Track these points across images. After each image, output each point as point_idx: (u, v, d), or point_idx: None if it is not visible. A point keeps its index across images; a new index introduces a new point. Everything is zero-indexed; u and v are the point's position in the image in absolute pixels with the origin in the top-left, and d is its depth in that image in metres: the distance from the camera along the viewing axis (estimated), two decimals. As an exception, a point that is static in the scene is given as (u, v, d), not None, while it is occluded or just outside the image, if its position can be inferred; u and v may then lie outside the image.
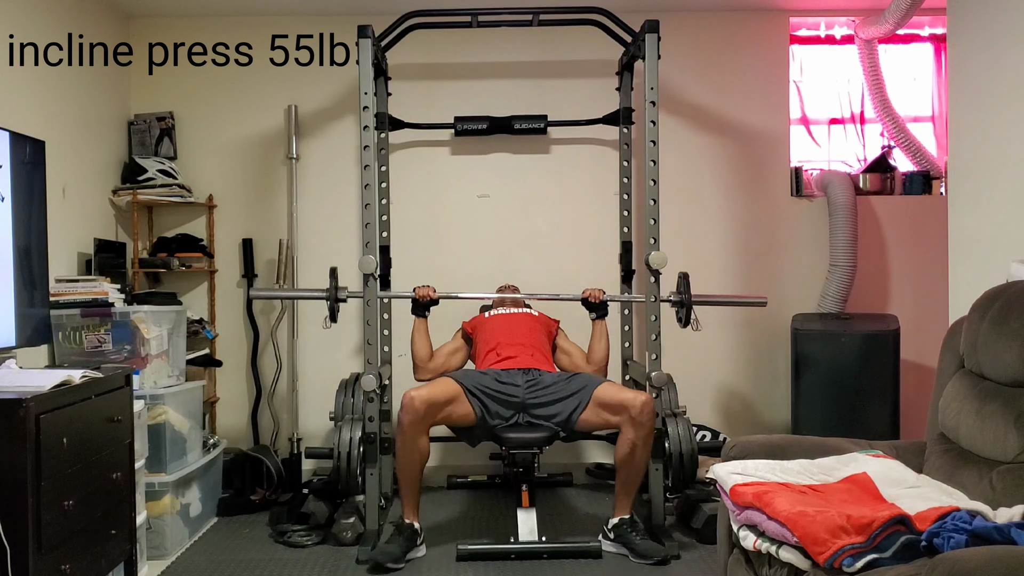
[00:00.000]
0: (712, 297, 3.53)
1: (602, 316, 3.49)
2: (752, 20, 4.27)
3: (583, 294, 3.45)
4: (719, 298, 3.62)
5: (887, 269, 4.29)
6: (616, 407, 3.09)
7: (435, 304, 3.46)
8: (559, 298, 3.61)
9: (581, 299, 3.46)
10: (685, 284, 3.32)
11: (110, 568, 2.59)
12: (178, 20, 4.17)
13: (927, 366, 3.97)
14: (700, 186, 4.26)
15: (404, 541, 3.05)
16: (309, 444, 4.08)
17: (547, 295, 3.72)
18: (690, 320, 3.31)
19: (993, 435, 2.06)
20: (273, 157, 4.24)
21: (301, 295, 3.70)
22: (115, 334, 3.17)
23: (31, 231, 2.70)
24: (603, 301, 3.45)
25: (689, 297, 3.30)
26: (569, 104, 4.19)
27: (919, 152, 4.35)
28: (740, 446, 2.34)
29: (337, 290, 3.32)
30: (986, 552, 1.46)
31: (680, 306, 3.32)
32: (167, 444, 3.20)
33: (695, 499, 3.38)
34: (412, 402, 3.03)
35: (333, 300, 3.32)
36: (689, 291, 3.30)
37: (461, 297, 3.61)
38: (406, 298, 3.51)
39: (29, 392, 2.12)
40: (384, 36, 3.73)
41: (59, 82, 3.44)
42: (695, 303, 3.31)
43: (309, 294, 3.46)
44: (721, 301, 3.61)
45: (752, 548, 1.96)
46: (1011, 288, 2.20)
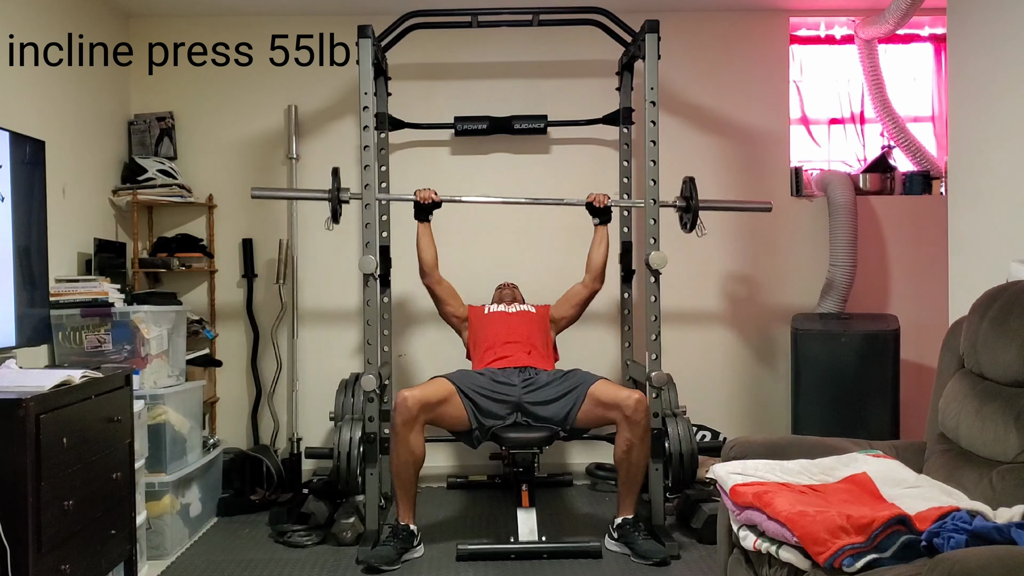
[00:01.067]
0: (717, 202, 3.65)
1: (605, 222, 3.55)
2: (752, 20, 4.27)
3: (588, 198, 3.49)
4: (724, 203, 3.74)
5: (887, 269, 4.29)
6: (610, 405, 3.09)
7: (438, 207, 3.48)
8: (564, 202, 3.64)
9: (585, 203, 3.50)
10: (691, 188, 3.37)
11: (110, 568, 2.60)
12: (178, 20, 4.17)
13: (927, 366, 3.97)
14: (700, 186, 4.24)
15: (399, 543, 3.05)
16: (309, 444, 4.09)
17: (551, 199, 3.75)
18: (695, 225, 3.33)
19: (993, 435, 2.06)
20: (273, 157, 4.24)
21: (303, 195, 3.76)
22: (115, 334, 3.17)
23: (31, 231, 2.70)
24: (607, 206, 3.51)
25: (696, 202, 3.37)
26: (569, 104, 4.19)
27: (919, 152, 4.35)
28: (740, 446, 2.34)
29: (339, 191, 3.36)
30: (986, 552, 1.46)
31: (685, 211, 3.38)
32: (167, 444, 3.19)
33: (695, 499, 3.38)
34: (404, 402, 3.03)
35: (336, 201, 3.36)
36: (695, 195, 3.36)
37: (463, 200, 3.64)
38: (408, 200, 3.52)
39: (29, 392, 2.12)
40: (384, 36, 3.74)
41: (59, 82, 3.44)
42: (701, 208, 3.38)
43: (312, 194, 3.52)
44: (726, 206, 3.74)
45: (752, 548, 1.96)
46: (1011, 288, 2.20)
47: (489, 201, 3.91)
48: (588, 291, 3.59)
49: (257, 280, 4.22)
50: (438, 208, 3.49)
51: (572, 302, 3.62)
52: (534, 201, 3.84)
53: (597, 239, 3.57)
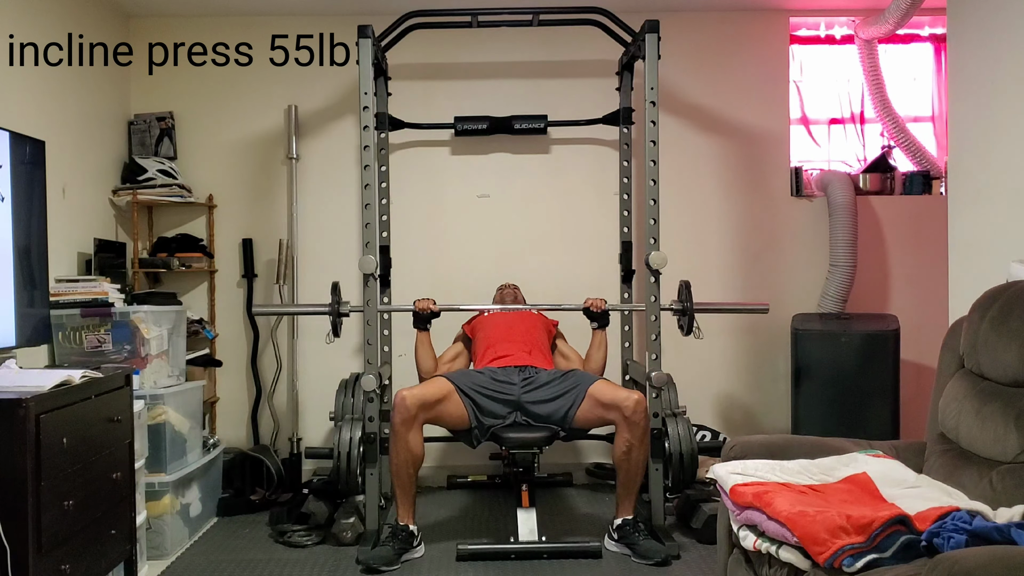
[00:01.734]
0: (714, 305, 3.53)
1: (603, 326, 3.48)
2: (752, 20, 4.27)
3: (585, 303, 3.43)
4: (721, 305, 3.63)
5: (887, 269, 4.29)
6: (610, 405, 3.09)
7: (436, 317, 3.45)
8: (561, 308, 3.62)
9: (583, 309, 3.44)
10: (687, 292, 3.31)
11: (110, 568, 2.60)
12: (178, 20, 4.17)
13: (927, 366, 3.97)
14: (700, 186, 4.26)
15: (399, 544, 3.05)
16: (309, 444, 4.09)
17: (549, 305, 3.72)
18: (692, 328, 3.31)
19: (993, 435, 2.06)
20: (273, 157, 4.24)
21: (303, 311, 3.69)
22: (115, 334, 3.17)
23: (31, 231, 2.70)
24: (604, 311, 3.43)
25: (691, 306, 3.30)
26: (569, 104, 4.19)
27: (919, 152, 4.35)
28: (740, 446, 2.34)
29: (339, 304, 3.32)
30: (986, 552, 1.46)
31: (682, 314, 3.32)
32: (167, 444, 3.19)
33: (695, 499, 3.38)
34: (403, 402, 3.03)
35: (335, 315, 3.32)
36: (691, 299, 3.30)
37: (462, 309, 3.62)
38: (406, 311, 3.50)
39: (29, 392, 2.12)
40: (384, 36, 3.74)
41: (59, 82, 3.44)
42: (697, 311, 3.31)
43: (312, 310, 3.47)
44: (723, 308, 3.62)
45: (752, 548, 1.96)
46: (1011, 288, 2.20)
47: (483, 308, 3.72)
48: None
49: (257, 280, 4.22)
50: (437, 318, 3.46)
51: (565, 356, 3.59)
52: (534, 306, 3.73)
53: (595, 344, 3.50)
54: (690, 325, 3.31)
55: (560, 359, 3.59)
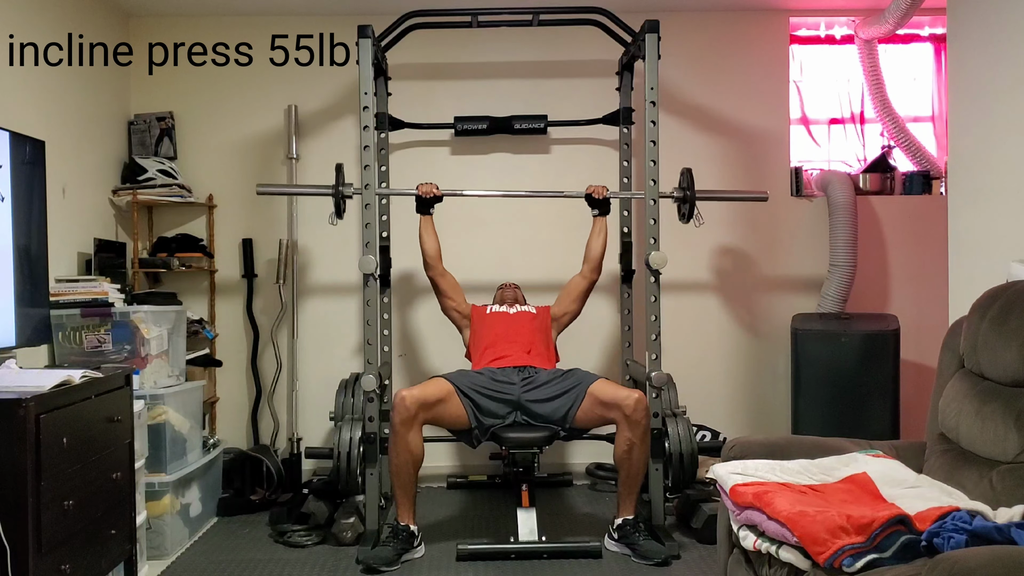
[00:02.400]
0: (714, 192, 3.65)
1: (604, 213, 3.57)
2: (752, 20, 4.27)
3: (587, 190, 3.51)
4: (720, 193, 3.74)
5: (887, 269, 4.29)
6: (610, 404, 3.09)
7: (439, 201, 3.51)
8: (563, 195, 3.67)
9: (584, 195, 3.51)
10: (688, 179, 3.40)
11: (110, 568, 2.59)
12: (178, 20, 4.17)
13: (927, 366, 3.97)
14: (700, 186, 4.24)
15: (399, 544, 3.05)
16: (309, 444, 4.09)
17: (551, 191, 3.77)
18: (692, 215, 3.35)
19: (993, 435, 2.06)
20: (273, 157, 4.24)
21: (306, 191, 3.76)
22: (115, 334, 3.17)
23: (31, 231, 2.70)
24: (606, 198, 3.52)
25: (692, 193, 3.39)
26: (569, 104, 4.19)
27: (919, 152, 4.35)
28: (740, 446, 2.34)
29: (342, 186, 3.38)
30: (986, 552, 1.46)
31: (683, 201, 3.41)
32: (167, 444, 3.19)
33: (695, 499, 3.38)
34: (403, 401, 3.03)
35: (339, 196, 3.39)
36: (693, 186, 3.39)
37: (464, 194, 3.66)
38: (409, 195, 3.54)
39: (29, 392, 2.12)
40: (384, 36, 3.74)
41: (59, 82, 3.44)
42: (698, 198, 3.40)
43: (316, 191, 3.53)
44: (723, 196, 3.73)
45: (752, 548, 1.96)
46: (1011, 288, 2.20)
47: (489, 194, 3.95)
48: (587, 282, 3.60)
49: (257, 280, 4.22)
50: (439, 202, 3.52)
51: (572, 296, 3.62)
52: (534, 194, 3.89)
53: (596, 230, 3.59)
54: (691, 212, 3.41)
55: (562, 298, 3.63)
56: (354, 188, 3.41)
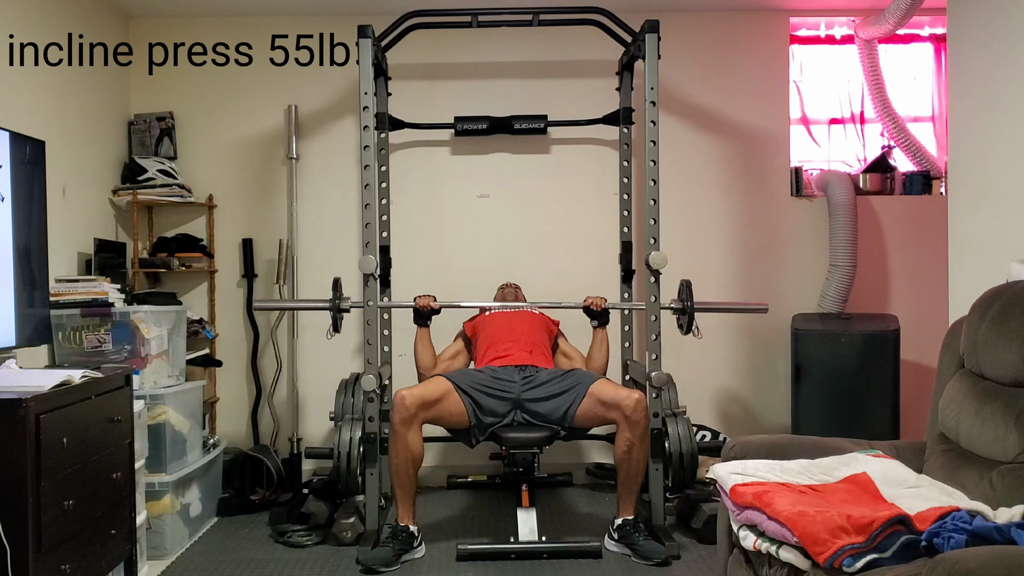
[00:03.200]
0: (713, 304, 3.52)
1: (603, 324, 3.48)
2: (752, 20, 4.27)
3: (585, 302, 3.43)
4: (721, 305, 3.61)
5: (887, 269, 4.29)
6: (610, 404, 3.09)
7: (436, 313, 3.45)
8: (560, 306, 3.63)
9: (583, 307, 3.44)
10: (687, 292, 3.32)
11: (110, 568, 2.59)
12: (178, 20, 4.17)
13: (927, 366, 3.97)
14: (700, 186, 4.26)
15: (399, 544, 3.05)
16: (309, 444, 4.09)
17: (549, 303, 3.73)
18: (692, 328, 3.31)
19: (993, 435, 2.06)
20: (273, 157, 4.24)
21: (304, 306, 3.70)
22: (115, 334, 3.17)
23: (31, 231, 2.70)
24: (604, 309, 3.44)
25: (691, 305, 3.30)
26: (569, 104, 4.19)
27: (919, 152, 4.35)
28: (740, 446, 2.34)
29: (340, 300, 3.32)
30: (986, 552, 1.46)
31: (682, 313, 3.32)
32: (167, 444, 3.19)
33: (695, 499, 3.38)
34: (403, 401, 3.03)
35: (336, 310, 3.32)
36: (692, 298, 3.30)
37: (462, 306, 3.63)
38: (407, 308, 3.51)
39: (29, 392, 2.12)
40: (384, 36, 3.74)
41: (59, 82, 3.44)
42: (697, 310, 3.31)
43: (312, 305, 3.47)
44: (723, 308, 3.60)
45: (752, 548, 1.96)
46: (1011, 288, 2.20)
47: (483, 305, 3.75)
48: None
49: (257, 280, 4.22)
50: (437, 314, 3.47)
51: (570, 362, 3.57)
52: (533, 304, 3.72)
53: (596, 342, 3.51)
54: (690, 324, 3.31)
55: (562, 359, 3.59)
56: (352, 302, 3.32)
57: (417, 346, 3.50)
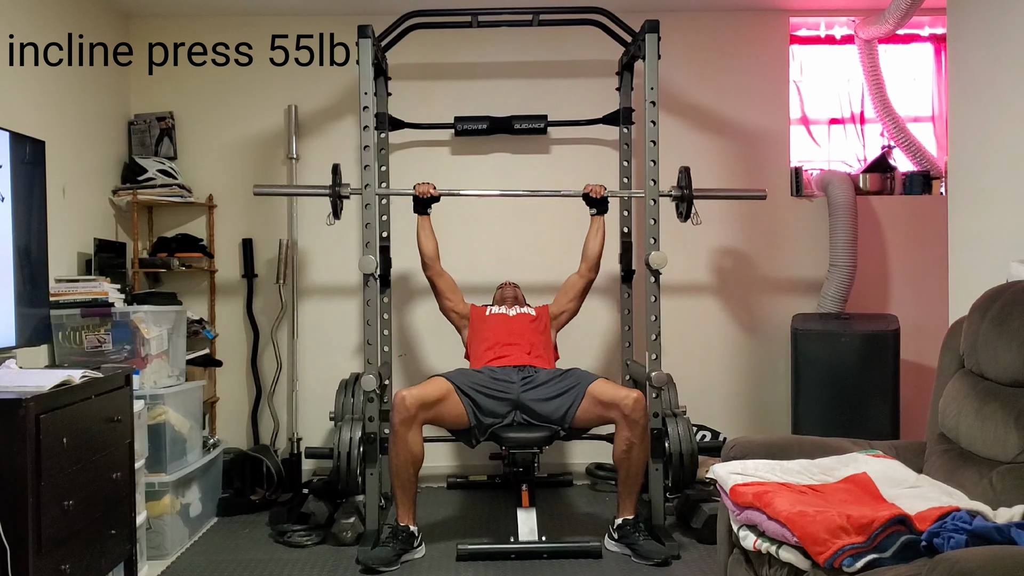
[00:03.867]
0: (712, 191, 3.66)
1: (602, 212, 3.57)
2: (752, 20, 4.27)
3: (585, 189, 3.51)
4: (718, 191, 3.75)
5: (887, 269, 4.29)
6: (609, 404, 3.09)
7: (436, 200, 3.50)
8: (560, 194, 3.70)
9: (582, 194, 3.52)
10: (686, 178, 3.41)
11: (110, 568, 2.59)
12: (178, 20, 4.17)
13: (927, 366, 3.97)
14: (700, 186, 4.25)
15: (399, 544, 3.05)
16: (309, 444, 4.08)
17: (549, 191, 3.79)
18: (690, 214, 3.36)
19: (993, 435, 2.06)
20: (273, 157, 4.24)
21: (304, 191, 3.80)
22: (115, 334, 3.17)
23: (31, 231, 2.70)
24: (603, 196, 3.52)
25: (690, 191, 3.41)
26: (569, 104, 4.19)
27: (919, 152, 4.35)
28: (740, 446, 2.34)
29: (340, 187, 3.40)
30: (986, 552, 1.46)
31: (680, 200, 3.42)
32: (167, 444, 3.19)
33: (695, 499, 3.38)
34: (403, 401, 3.03)
35: (336, 196, 3.41)
36: (690, 185, 3.40)
37: (461, 194, 3.66)
38: (407, 195, 3.54)
39: (29, 392, 2.12)
40: (384, 36, 3.74)
41: (59, 82, 3.44)
42: (695, 197, 3.41)
43: (314, 191, 3.56)
44: (720, 195, 3.75)
45: (752, 548, 1.96)
46: (1011, 288, 2.20)
47: (487, 194, 3.96)
48: (584, 281, 3.60)
49: (257, 280, 4.22)
50: (437, 202, 3.52)
51: (570, 295, 3.62)
52: (532, 193, 3.89)
53: (594, 228, 3.59)
54: (688, 210, 3.42)
55: (560, 297, 3.63)
56: (351, 188, 3.42)
57: (419, 233, 3.55)
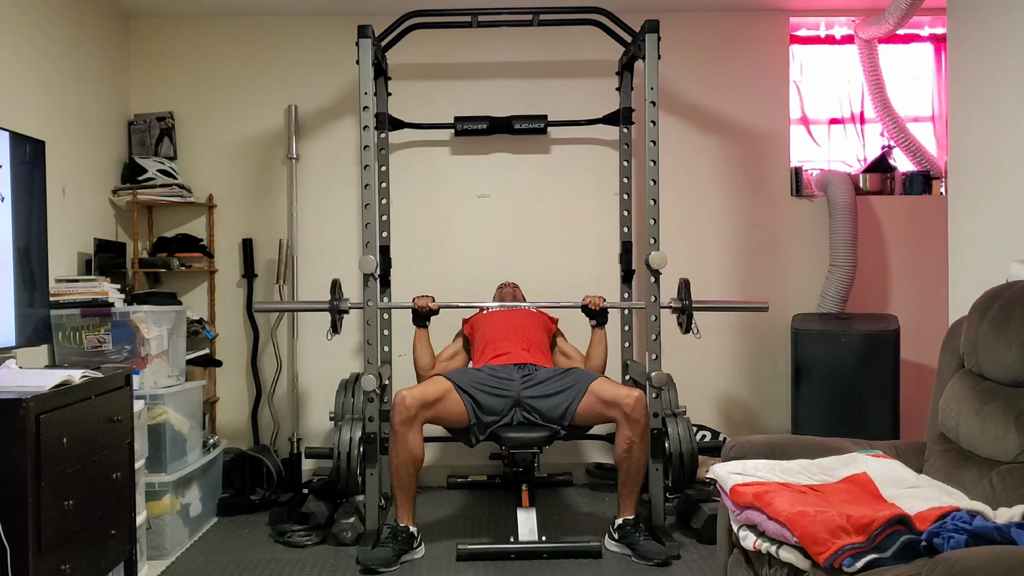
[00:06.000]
0: (713, 303, 3.51)
1: (602, 324, 3.47)
2: (752, 20, 4.27)
3: (583, 301, 3.43)
4: (720, 304, 3.62)
5: (887, 269, 4.29)
6: (610, 403, 3.09)
7: (435, 314, 3.45)
8: (559, 305, 3.63)
9: (581, 306, 3.44)
10: (686, 291, 3.33)
11: (110, 568, 2.59)
12: (178, 20, 4.17)
13: (927, 366, 3.97)
14: (700, 186, 4.26)
15: (398, 545, 3.05)
16: (309, 444, 4.09)
17: (547, 303, 3.72)
18: (691, 327, 3.31)
19: (993, 435, 2.06)
20: (273, 157, 4.24)
21: (303, 307, 3.69)
22: (115, 334, 3.17)
23: (31, 231, 2.70)
24: (603, 308, 3.43)
25: (690, 304, 3.31)
26: (569, 104, 4.19)
27: (919, 152, 4.35)
28: (740, 446, 2.34)
29: (339, 301, 3.33)
30: (986, 552, 1.46)
31: (681, 312, 3.33)
32: (167, 444, 3.19)
33: (695, 499, 3.38)
34: (403, 401, 3.03)
35: (335, 312, 3.32)
36: (690, 297, 3.31)
37: (460, 306, 3.62)
38: (405, 308, 3.51)
39: (29, 392, 2.12)
40: (384, 36, 3.74)
41: (59, 82, 3.44)
42: (696, 309, 3.32)
43: (312, 306, 3.47)
44: (722, 307, 3.60)
45: (752, 548, 1.96)
46: (1011, 288, 2.20)
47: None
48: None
49: (257, 280, 4.22)
50: (435, 315, 3.46)
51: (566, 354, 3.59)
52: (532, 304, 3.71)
53: (595, 342, 3.50)
54: (689, 323, 3.32)
55: (561, 357, 3.59)
56: (352, 303, 3.34)
57: (416, 347, 3.50)
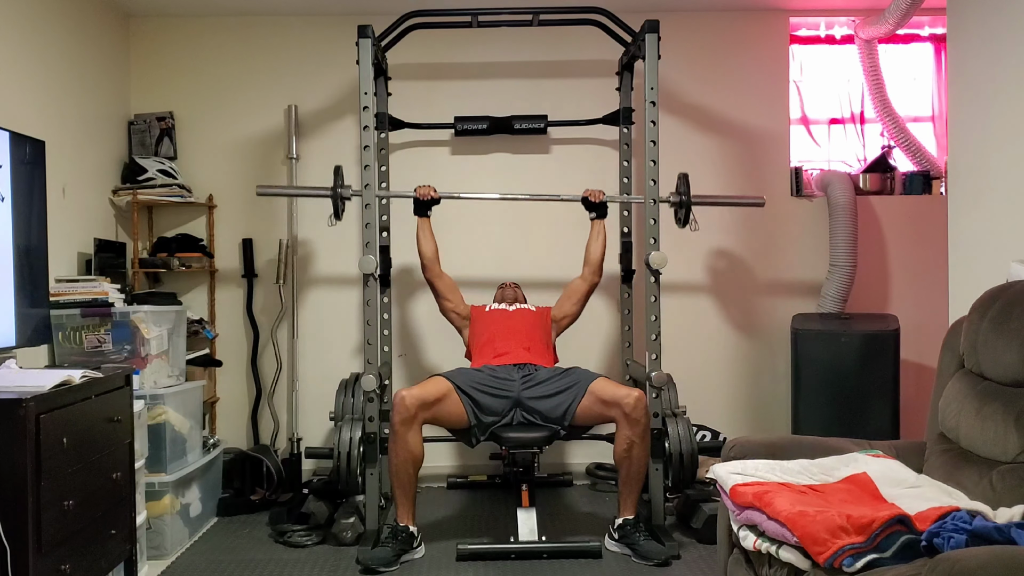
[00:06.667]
0: (710, 197, 3.65)
1: (601, 216, 3.59)
2: (752, 20, 4.27)
3: (583, 193, 3.53)
4: (716, 198, 3.75)
5: (887, 269, 4.29)
6: (610, 402, 3.09)
7: (436, 203, 3.51)
8: (560, 198, 3.69)
9: (581, 198, 3.54)
10: (685, 184, 3.44)
11: (110, 568, 2.59)
12: (178, 20, 4.17)
13: (927, 366, 3.97)
14: (700, 186, 4.24)
15: (398, 545, 3.05)
16: (309, 444, 4.09)
17: (548, 195, 3.78)
18: (688, 220, 3.37)
19: (993, 435, 2.06)
20: (273, 157, 4.24)
21: (305, 192, 3.79)
22: (115, 334, 3.17)
23: (31, 231, 2.70)
24: (602, 201, 3.54)
25: (688, 198, 3.43)
26: (569, 104, 4.19)
27: (919, 152, 4.35)
28: (740, 446, 2.34)
29: (341, 188, 3.41)
30: (986, 552, 1.46)
31: (679, 206, 3.45)
32: (167, 444, 3.19)
33: (695, 499, 3.38)
34: (402, 401, 3.04)
35: (337, 198, 3.42)
36: (689, 191, 3.43)
37: (461, 197, 3.67)
38: (407, 197, 3.54)
39: (29, 392, 2.12)
40: (384, 36, 3.74)
41: (59, 82, 3.44)
42: (694, 203, 3.44)
43: (316, 192, 3.56)
44: (718, 201, 3.76)
45: (752, 548, 1.96)
46: (1011, 288, 2.20)
47: (487, 198, 3.95)
48: (587, 285, 3.60)
49: (257, 280, 4.22)
50: (437, 204, 3.52)
51: (572, 299, 3.62)
52: (532, 197, 3.85)
53: (594, 233, 3.60)
54: (687, 217, 3.44)
55: (563, 300, 3.64)
56: (353, 190, 3.42)
57: (419, 235, 3.55)
